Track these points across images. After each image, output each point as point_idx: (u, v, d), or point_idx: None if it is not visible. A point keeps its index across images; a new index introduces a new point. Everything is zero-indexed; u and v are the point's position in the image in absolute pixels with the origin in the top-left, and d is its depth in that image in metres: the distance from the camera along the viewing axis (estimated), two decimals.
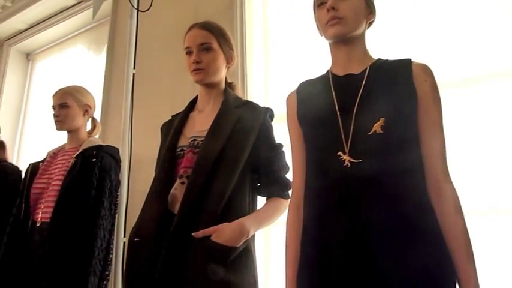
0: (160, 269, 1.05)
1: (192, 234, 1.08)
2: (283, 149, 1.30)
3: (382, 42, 1.54)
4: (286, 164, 1.29)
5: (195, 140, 1.24)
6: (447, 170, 0.92)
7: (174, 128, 1.32)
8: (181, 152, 1.25)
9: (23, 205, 1.59)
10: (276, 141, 1.30)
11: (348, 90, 0.99)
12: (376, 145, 0.90)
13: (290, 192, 1.27)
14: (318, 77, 1.11)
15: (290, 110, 1.12)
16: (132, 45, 2.25)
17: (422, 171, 0.91)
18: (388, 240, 0.82)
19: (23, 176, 1.74)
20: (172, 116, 1.43)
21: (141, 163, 2.12)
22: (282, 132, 1.31)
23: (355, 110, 0.95)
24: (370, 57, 1.05)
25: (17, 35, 3.41)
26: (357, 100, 0.96)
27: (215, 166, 1.15)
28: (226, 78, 1.38)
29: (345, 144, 0.93)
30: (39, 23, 3.23)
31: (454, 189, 0.90)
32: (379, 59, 1.04)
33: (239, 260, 1.11)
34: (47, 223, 1.52)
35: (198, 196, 1.12)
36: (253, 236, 1.20)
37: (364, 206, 0.86)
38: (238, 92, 1.44)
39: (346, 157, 0.91)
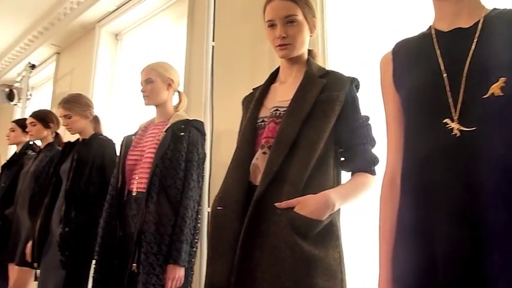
0: (242, 239, 1.05)
1: (275, 204, 1.06)
2: (370, 121, 1.22)
3: None
4: (373, 138, 1.20)
5: (277, 110, 1.20)
6: None
7: (255, 99, 1.31)
8: (263, 123, 1.23)
9: (120, 175, 1.71)
10: (362, 113, 1.22)
11: (456, 47, 0.85)
12: (494, 110, 0.76)
13: (376, 168, 1.19)
14: (418, 35, 0.97)
15: (384, 74, 1.01)
16: (211, 17, 2.26)
17: None
18: (504, 218, 0.71)
19: (118, 148, 1.86)
20: (253, 89, 1.41)
21: (221, 135, 2.17)
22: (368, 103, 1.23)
23: (465, 70, 0.81)
24: (483, 7, 0.89)
25: (106, 16, 3.63)
26: (468, 58, 0.81)
27: (298, 136, 1.11)
28: None
29: (453, 110, 0.80)
30: (126, 3, 3.39)
31: None
32: (495, 9, 0.88)
33: (323, 234, 1.07)
34: (142, 193, 1.62)
35: (280, 167, 1.09)
36: (339, 211, 1.16)
37: (477, 180, 0.75)
38: (318, 60, 1.37)
39: (454, 125, 0.79)
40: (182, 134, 1.66)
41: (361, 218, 1.60)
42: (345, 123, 1.17)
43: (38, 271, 2.01)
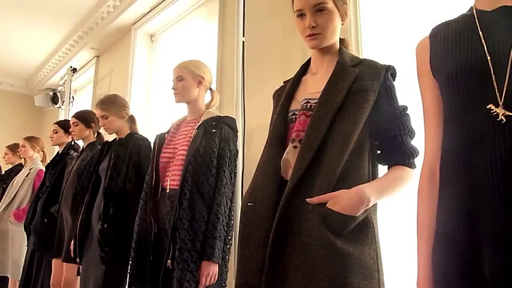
0: (273, 236, 1.02)
1: (307, 200, 1.03)
2: (408, 111, 1.15)
3: None
4: (412, 128, 1.14)
5: (307, 102, 1.16)
6: None
7: (285, 92, 1.27)
8: (293, 117, 1.19)
9: (154, 173, 1.73)
10: (399, 103, 1.15)
11: (501, 27, 0.78)
12: None
13: (416, 161, 1.12)
14: (458, 17, 0.91)
15: (421, 59, 0.95)
16: (241, 13, 2.24)
17: None
18: None
19: (152, 146, 1.88)
20: (284, 82, 1.38)
21: (254, 131, 2.15)
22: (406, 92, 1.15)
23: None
24: None
25: (141, 18, 3.71)
26: None
27: (330, 128, 1.07)
28: None
29: (497, 95, 0.74)
30: (159, 4, 3.45)
31: None
32: None
33: (358, 231, 1.02)
34: (175, 190, 1.63)
35: (312, 161, 1.05)
36: (375, 206, 1.10)
37: None
38: (352, 49, 1.32)
39: (500, 110, 0.73)
40: (214, 130, 1.66)
41: (399, 214, 1.53)
42: (381, 113, 1.12)
43: (81, 266, 2.08)
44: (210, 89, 1.90)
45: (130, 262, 1.67)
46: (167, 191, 1.68)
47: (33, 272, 2.71)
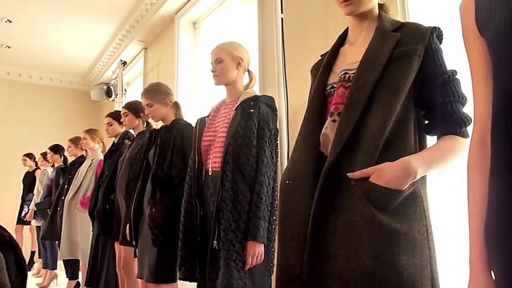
0: (313, 213, 0.98)
1: (348, 174, 0.97)
2: (457, 76, 1.04)
3: None
4: (463, 94, 1.03)
5: (346, 73, 1.09)
6: None
7: (322, 65, 1.21)
8: (332, 90, 1.13)
9: (196, 157, 1.76)
10: (447, 67, 1.05)
11: None
12: None
13: (468, 129, 1.02)
14: None
15: (466, 18, 0.84)
16: None
17: None
18: None
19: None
20: (321, 56, 1.31)
21: (298, 110, 2.10)
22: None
23: None
24: None
25: (182, 6, 3.75)
26: None
27: (371, 99, 0.99)
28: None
29: None
30: None
31: None
32: None
33: (405, 206, 0.94)
34: (217, 172, 1.64)
35: (352, 134, 0.99)
36: (424, 179, 1.02)
37: None
38: (393, 14, 1.21)
39: None
40: (252, 110, 1.64)
41: (452, 187, 1.42)
42: (427, 80, 1.02)
43: (137, 249, 2.18)
44: (248, 70, 1.87)
45: (179, 244, 1.72)
46: (210, 174, 1.70)
47: (99, 255, 2.89)
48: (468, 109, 1.02)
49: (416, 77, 1.01)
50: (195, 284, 1.73)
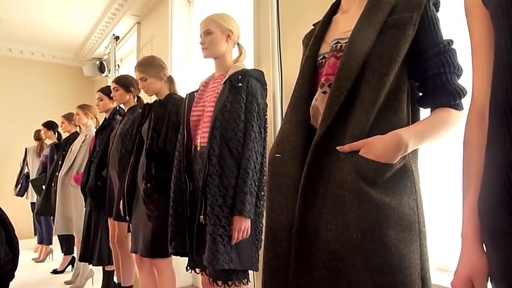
0: (302, 187, 0.96)
1: (337, 148, 0.95)
2: (454, 45, 1.00)
3: None
4: (459, 65, 0.99)
5: (338, 42, 1.05)
6: None
7: (314, 35, 1.16)
8: (323, 60, 1.09)
9: (185, 132, 1.73)
10: (444, 36, 1.00)
11: None
12: None
13: (463, 101, 0.99)
14: None
15: None
16: None
17: None
18: None
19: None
20: (313, 25, 1.26)
21: (292, 84, 2.05)
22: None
23: None
24: None
25: None
26: None
27: (363, 69, 0.95)
28: None
29: None
30: None
31: None
32: None
33: (396, 180, 0.92)
34: (205, 147, 1.61)
35: (342, 106, 0.95)
36: (415, 152, 0.99)
37: None
38: None
39: None
40: (240, 84, 1.60)
41: (444, 160, 1.40)
42: (421, 49, 0.98)
43: (131, 224, 2.18)
44: (238, 43, 1.82)
45: (169, 219, 1.71)
46: (198, 149, 1.68)
47: (92, 231, 2.90)
48: (464, 81, 0.99)
49: (410, 46, 0.96)
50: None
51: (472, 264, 0.72)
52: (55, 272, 4.10)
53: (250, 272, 1.64)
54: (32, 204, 4.84)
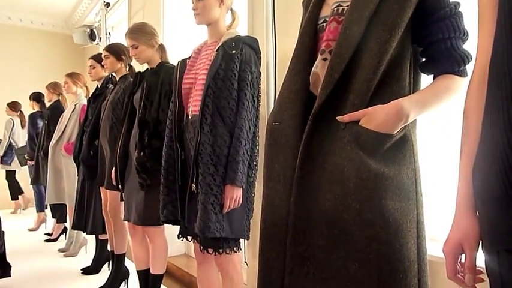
0: (301, 157, 0.94)
1: (337, 118, 0.92)
2: (460, 9, 0.96)
3: None
4: (465, 29, 0.95)
5: (339, 6, 1.00)
6: None
7: None
8: (324, 24, 1.04)
9: (177, 100, 1.68)
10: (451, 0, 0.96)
11: None
12: None
13: (467, 68, 0.96)
14: None
15: None
16: None
17: None
18: None
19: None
20: None
21: (288, 54, 2.00)
22: None
23: None
24: None
25: None
26: None
27: (365, 35, 0.91)
28: None
29: None
30: None
31: None
32: None
33: (395, 150, 0.91)
34: (197, 115, 1.57)
35: (344, 73, 0.92)
36: (414, 122, 0.97)
37: None
38: None
39: None
40: (234, 52, 1.55)
41: (443, 129, 1.39)
42: (426, 13, 0.94)
43: (123, 193, 2.16)
44: (231, 9, 1.75)
45: (161, 188, 1.69)
46: (190, 117, 1.64)
47: (85, 199, 2.89)
48: (469, 46, 0.96)
49: (415, 9, 0.92)
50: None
51: (463, 230, 0.72)
52: (49, 240, 4.12)
53: (242, 240, 1.65)
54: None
